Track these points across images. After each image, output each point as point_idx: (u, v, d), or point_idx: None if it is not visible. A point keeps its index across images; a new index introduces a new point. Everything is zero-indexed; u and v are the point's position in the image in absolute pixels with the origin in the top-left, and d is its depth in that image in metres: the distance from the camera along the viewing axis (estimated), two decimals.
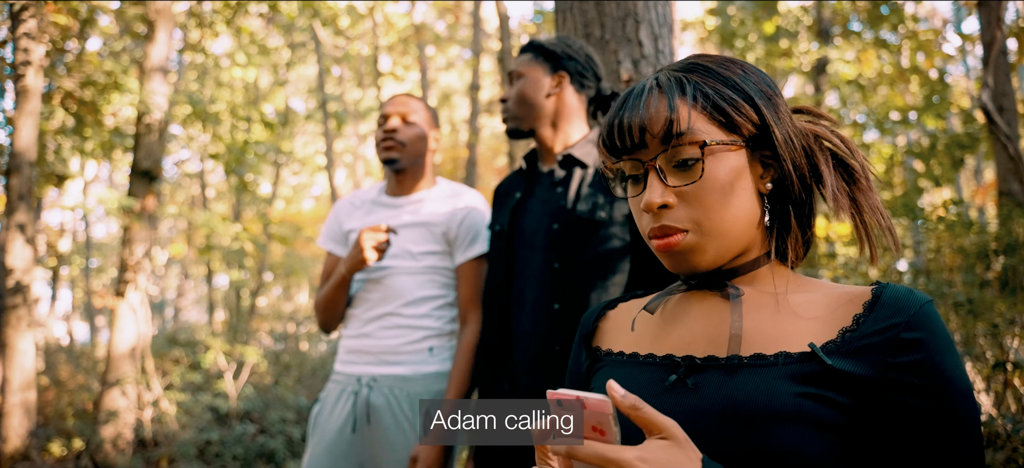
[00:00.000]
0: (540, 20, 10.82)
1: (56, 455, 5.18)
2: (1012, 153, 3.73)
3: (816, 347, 0.74)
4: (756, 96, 0.81)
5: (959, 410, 0.71)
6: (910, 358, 0.72)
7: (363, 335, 1.97)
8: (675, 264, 0.81)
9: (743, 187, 0.80)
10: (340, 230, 2.10)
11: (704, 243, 0.79)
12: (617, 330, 0.94)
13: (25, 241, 5.07)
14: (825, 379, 0.72)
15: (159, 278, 18.51)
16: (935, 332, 0.72)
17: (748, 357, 0.76)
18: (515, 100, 1.78)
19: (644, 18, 2.15)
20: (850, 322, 0.76)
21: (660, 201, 0.79)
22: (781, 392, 0.72)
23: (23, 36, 5.14)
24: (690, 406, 0.76)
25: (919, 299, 0.74)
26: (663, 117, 0.79)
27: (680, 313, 0.86)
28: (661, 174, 0.79)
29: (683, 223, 0.79)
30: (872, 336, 0.73)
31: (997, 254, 2.88)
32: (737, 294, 0.81)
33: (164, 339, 7.96)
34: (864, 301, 0.77)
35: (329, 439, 1.93)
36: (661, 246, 0.80)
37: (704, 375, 0.78)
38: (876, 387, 0.72)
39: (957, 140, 7.18)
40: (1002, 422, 2.33)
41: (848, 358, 0.73)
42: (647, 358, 0.84)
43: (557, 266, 1.62)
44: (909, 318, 0.73)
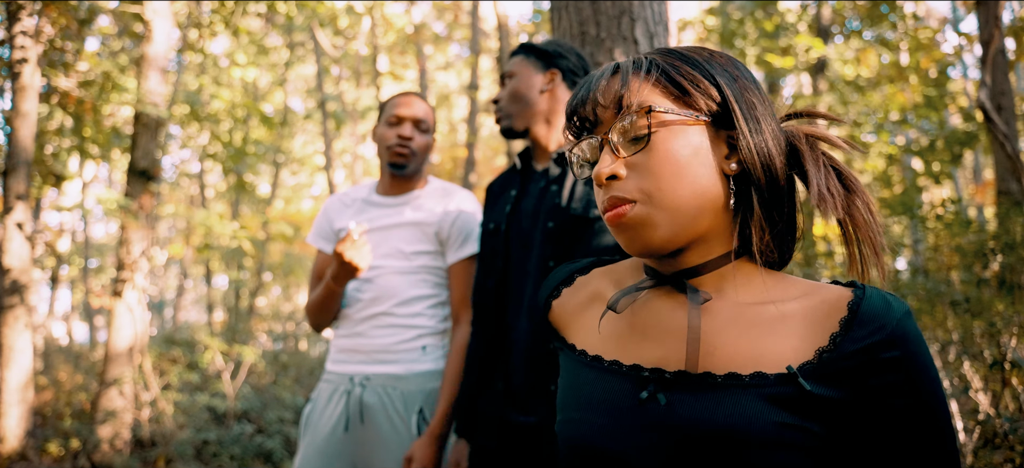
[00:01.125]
0: (538, 19, 10.82)
1: (53, 455, 5.17)
2: (1010, 152, 3.72)
3: (794, 370, 0.71)
4: (718, 75, 0.79)
5: (937, 429, 0.70)
6: (890, 378, 0.70)
7: (356, 334, 1.96)
8: (628, 241, 0.77)
9: (701, 163, 0.76)
10: (331, 228, 2.10)
11: (654, 216, 0.75)
12: (579, 316, 0.89)
13: (23, 241, 5.06)
14: (803, 404, 0.70)
15: (158, 278, 18.50)
16: (914, 350, 0.71)
17: (722, 376, 0.73)
18: (508, 98, 1.78)
19: (640, 16, 2.15)
20: (827, 341, 0.72)
21: (609, 171, 0.76)
22: (759, 418, 0.70)
23: (20, 35, 5.14)
24: (663, 425, 0.73)
25: (896, 313, 0.72)
26: (614, 90, 0.78)
27: (647, 314, 0.81)
28: (614, 148, 0.78)
29: (632, 193, 0.76)
30: (850, 357, 0.71)
31: (995, 253, 2.88)
32: (698, 299, 0.77)
33: (162, 339, 7.95)
34: (841, 317, 0.73)
35: (321, 439, 1.92)
36: (611, 218, 0.77)
37: (676, 393, 0.74)
38: (855, 408, 0.70)
39: (956, 137, 7.19)
40: (1000, 421, 2.32)
41: (826, 382, 0.71)
42: (613, 364, 0.80)
43: (552, 264, 1.62)
44: (887, 336, 0.71)
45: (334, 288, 1.90)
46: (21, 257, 5.05)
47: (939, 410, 0.71)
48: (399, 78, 14.51)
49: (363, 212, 2.05)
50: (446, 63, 16.74)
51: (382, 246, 1.98)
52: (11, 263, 5.01)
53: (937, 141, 7.72)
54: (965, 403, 2.68)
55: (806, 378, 0.71)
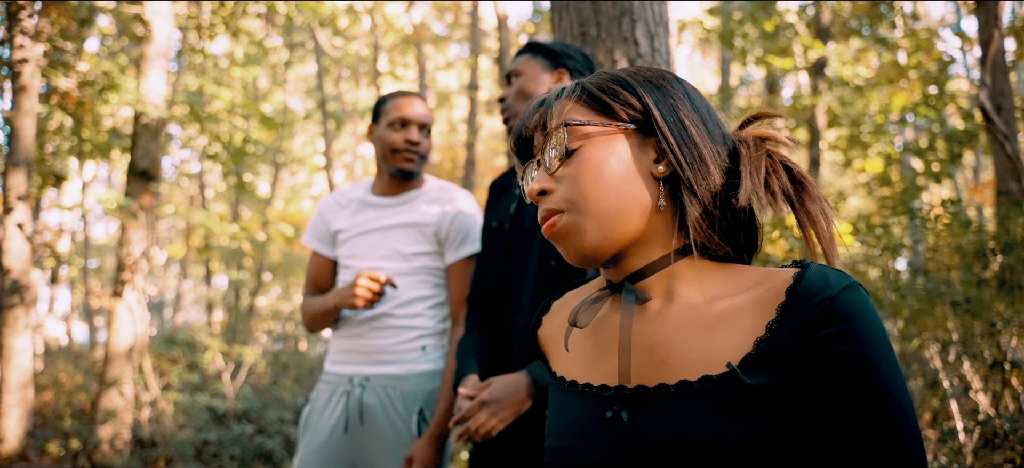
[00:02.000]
0: (538, 19, 10.82)
1: (53, 455, 5.17)
2: (1010, 152, 3.72)
3: (734, 367, 0.70)
4: (639, 85, 0.82)
5: (885, 406, 0.67)
6: (829, 356, 0.68)
7: (355, 335, 1.96)
8: (564, 250, 0.81)
9: (625, 169, 0.78)
10: (326, 229, 2.08)
11: (581, 222, 0.78)
12: (557, 342, 0.93)
13: (23, 241, 5.06)
14: (751, 400, 0.69)
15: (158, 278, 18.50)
16: (855, 325, 0.68)
17: (675, 385, 0.73)
18: (515, 97, 1.77)
19: (640, 17, 2.15)
20: (764, 330, 0.71)
21: (538, 187, 0.81)
22: (711, 425, 0.70)
23: (21, 35, 5.14)
24: (629, 442, 0.75)
25: (833, 288, 0.70)
26: (539, 115, 0.84)
27: (608, 328, 0.83)
28: (545, 165, 0.82)
29: (559, 204, 0.80)
30: (786, 340, 0.70)
31: (995, 253, 2.88)
32: (632, 300, 0.78)
33: (162, 339, 7.95)
34: (778, 303, 0.72)
35: (321, 439, 1.92)
36: (545, 230, 0.81)
37: (637, 408, 0.75)
38: (800, 395, 0.69)
39: (955, 135, 7.19)
40: (1000, 422, 2.32)
41: (766, 371, 0.70)
42: (585, 387, 0.82)
43: (553, 264, 1.62)
44: (822, 312, 0.69)
45: (333, 311, 1.93)
46: (21, 257, 5.05)
47: (886, 385, 0.67)
48: (399, 78, 14.51)
49: (360, 213, 2.04)
50: (446, 63, 16.74)
51: (381, 247, 1.97)
52: (11, 263, 5.01)
53: (936, 140, 7.72)
54: (965, 403, 2.68)
55: (747, 372, 0.70)
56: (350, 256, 2.01)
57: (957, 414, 2.58)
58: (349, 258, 2.01)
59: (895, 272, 3.62)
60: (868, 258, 3.63)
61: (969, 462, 2.38)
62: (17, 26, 5.13)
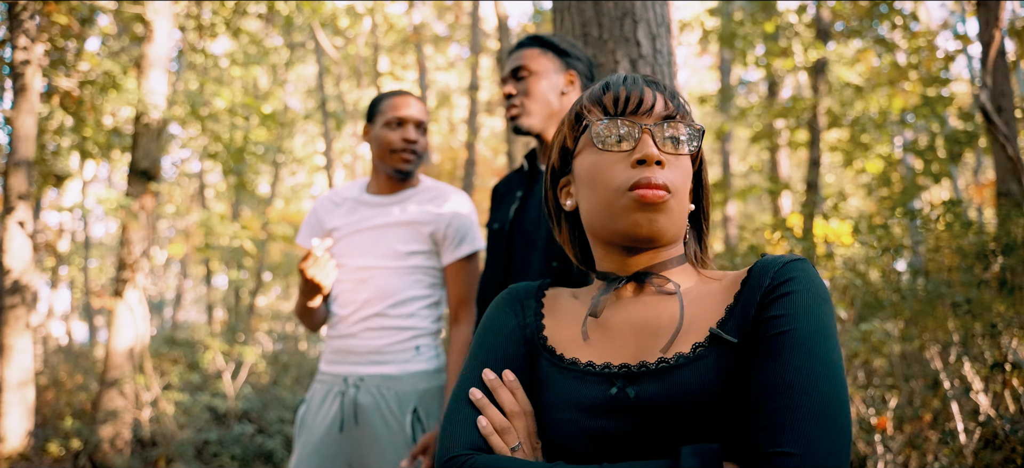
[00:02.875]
0: (539, 20, 10.82)
1: (54, 455, 5.17)
2: (1011, 153, 3.72)
3: (715, 329, 0.82)
4: None
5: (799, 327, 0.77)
6: (769, 301, 0.80)
7: (350, 335, 1.96)
8: (649, 221, 0.85)
9: (689, 188, 0.91)
10: (321, 228, 2.08)
11: (675, 213, 0.87)
12: (557, 322, 0.96)
13: (24, 241, 5.06)
14: (729, 356, 0.80)
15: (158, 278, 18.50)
16: (790, 281, 0.81)
17: (672, 358, 0.83)
18: (529, 96, 1.71)
19: (642, 18, 2.15)
20: (732, 299, 0.85)
21: (659, 155, 0.85)
22: (706, 382, 0.79)
23: (22, 35, 5.14)
24: (634, 413, 0.82)
25: (784, 259, 0.84)
26: (679, 100, 0.91)
27: (612, 315, 0.91)
28: (657, 140, 0.87)
29: (670, 185, 0.86)
30: (747, 305, 0.83)
31: (995, 254, 2.88)
32: (677, 288, 0.88)
33: (163, 339, 7.95)
34: (742, 278, 0.86)
35: (317, 439, 1.93)
36: (651, 197, 0.84)
37: (640, 384, 0.83)
38: (751, 338, 0.80)
39: (955, 136, 7.19)
40: (1000, 423, 2.32)
41: (735, 326, 0.82)
42: (587, 367, 0.88)
43: (556, 265, 1.62)
44: (770, 278, 0.82)
45: (305, 303, 1.96)
46: (22, 257, 5.05)
47: (807, 336, 0.76)
48: (399, 78, 14.51)
49: (355, 211, 2.04)
50: (447, 63, 16.73)
51: (376, 246, 1.97)
52: (12, 263, 5.01)
53: (936, 140, 7.73)
54: (966, 404, 2.68)
55: (725, 332, 0.82)
56: (344, 254, 2.01)
57: (958, 415, 2.58)
58: (343, 256, 2.01)
59: (895, 273, 3.62)
60: (868, 259, 3.63)
61: (970, 463, 2.39)
62: (18, 26, 5.13)
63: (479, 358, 0.94)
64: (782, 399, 0.73)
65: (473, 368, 0.93)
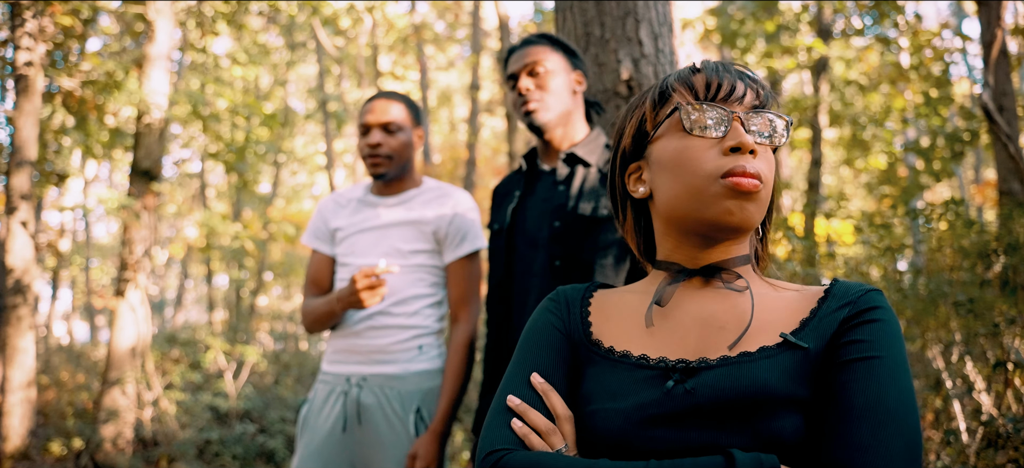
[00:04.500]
0: (540, 20, 10.81)
1: (56, 454, 5.18)
2: (1012, 152, 3.72)
3: (786, 335, 0.82)
4: None
5: (888, 358, 0.78)
6: (854, 325, 0.81)
7: (353, 335, 1.96)
8: (739, 208, 0.84)
9: None
10: (325, 228, 2.09)
11: (763, 204, 0.86)
12: (606, 320, 0.94)
13: (27, 240, 5.06)
14: (798, 366, 0.80)
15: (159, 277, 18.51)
16: (876, 310, 0.81)
17: (735, 356, 0.82)
18: (549, 93, 1.69)
19: (644, 17, 2.15)
20: (808, 314, 0.85)
21: (753, 144, 0.84)
22: (766, 382, 0.78)
23: (24, 35, 5.14)
24: (686, 406, 0.80)
25: (863, 289, 0.84)
26: (762, 90, 0.90)
27: (671, 308, 0.90)
28: (748, 127, 0.86)
29: (762, 175, 0.85)
30: (825, 320, 0.82)
31: (998, 254, 2.88)
32: (746, 285, 0.87)
33: (164, 338, 7.96)
34: (818, 297, 0.86)
35: (319, 439, 1.93)
36: (747, 185, 0.83)
37: (698, 378, 0.81)
38: (829, 355, 0.80)
39: (957, 135, 7.19)
40: (1003, 422, 2.32)
41: (809, 338, 0.82)
42: (640, 359, 0.86)
43: (558, 264, 1.63)
44: (852, 301, 0.83)
45: (337, 311, 1.90)
46: (24, 257, 5.06)
47: (896, 369, 0.78)
48: (400, 78, 14.51)
49: (358, 212, 2.05)
50: (448, 63, 16.73)
51: (379, 245, 1.98)
52: (14, 263, 5.02)
53: (938, 139, 7.72)
54: (968, 404, 2.68)
55: (797, 339, 0.82)
56: (348, 253, 2.02)
57: (960, 415, 2.58)
58: (347, 255, 2.02)
59: (897, 272, 3.62)
60: (870, 258, 3.63)
61: (972, 463, 2.39)
62: (21, 26, 5.14)
63: (523, 362, 0.92)
64: (873, 422, 0.74)
65: (516, 373, 0.91)
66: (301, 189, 18.86)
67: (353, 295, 1.80)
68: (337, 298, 1.87)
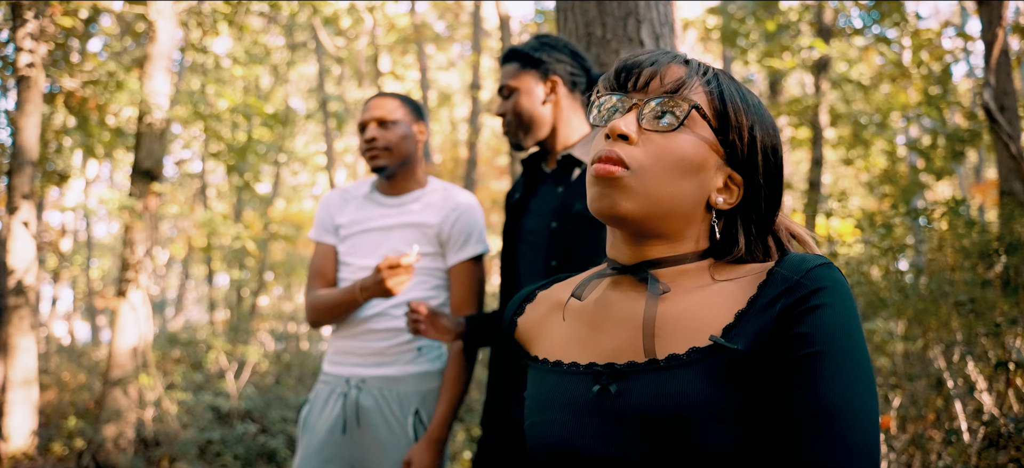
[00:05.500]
0: (541, 19, 10.81)
1: (58, 454, 5.19)
2: (1014, 152, 3.72)
3: (716, 338, 0.74)
4: (759, 120, 0.83)
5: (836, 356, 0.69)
6: (793, 317, 0.72)
7: (353, 336, 1.96)
8: (598, 196, 0.79)
9: (698, 182, 0.80)
10: (332, 222, 2.08)
11: (635, 191, 0.78)
12: (542, 327, 0.92)
13: (28, 240, 5.07)
14: (732, 369, 0.72)
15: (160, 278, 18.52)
16: (819, 292, 0.72)
17: (664, 359, 0.76)
18: (514, 115, 1.75)
19: (645, 17, 2.15)
20: (745, 303, 0.76)
21: (624, 129, 0.79)
22: (695, 393, 0.72)
23: (26, 36, 5.15)
24: (616, 414, 0.76)
25: (809, 263, 0.75)
26: (677, 75, 0.81)
27: (605, 309, 0.85)
28: (642, 116, 0.80)
29: (631, 162, 0.78)
30: (763, 310, 0.74)
31: (999, 253, 2.88)
32: (657, 290, 0.80)
33: (165, 339, 7.97)
34: (760, 281, 0.77)
35: (319, 440, 1.93)
36: (600, 170, 0.78)
37: (627, 382, 0.77)
38: (768, 353, 0.72)
39: (958, 135, 7.19)
40: (1005, 422, 2.32)
41: (743, 338, 0.73)
42: (571, 367, 0.84)
43: (555, 264, 1.64)
44: (794, 284, 0.73)
45: (359, 300, 1.86)
46: (26, 257, 5.06)
47: (841, 358, 0.69)
48: (400, 78, 14.51)
49: (363, 210, 2.04)
50: (448, 63, 16.73)
51: (382, 246, 1.97)
52: (15, 263, 5.02)
53: (938, 138, 7.72)
54: (970, 404, 2.68)
55: (729, 341, 0.74)
56: (351, 253, 2.01)
57: (961, 415, 2.58)
58: (349, 255, 2.01)
59: (898, 272, 3.62)
60: (871, 258, 3.63)
61: (974, 463, 2.39)
62: (22, 26, 5.14)
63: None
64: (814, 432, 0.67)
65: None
66: (302, 189, 18.87)
67: (379, 284, 1.75)
68: (361, 288, 1.82)
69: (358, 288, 1.83)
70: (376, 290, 1.78)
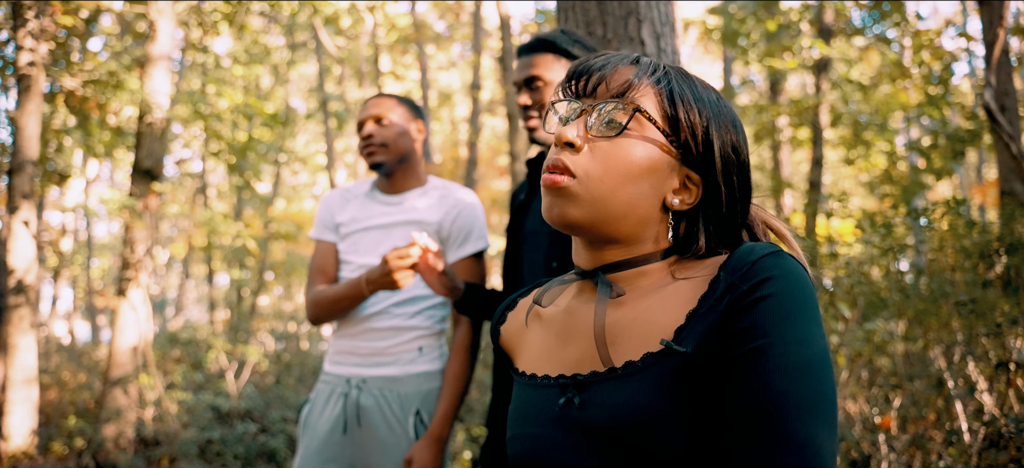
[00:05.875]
0: (542, 20, 10.81)
1: (58, 454, 5.18)
2: (1014, 152, 3.72)
3: (667, 342, 0.73)
4: (714, 118, 0.81)
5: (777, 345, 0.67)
6: (737, 312, 0.70)
7: (353, 335, 1.96)
8: (548, 206, 0.79)
9: (650, 185, 0.78)
10: (331, 220, 2.08)
11: (582, 199, 0.77)
12: (521, 336, 0.93)
13: (29, 240, 5.07)
14: (684, 371, 0.71)
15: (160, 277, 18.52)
16: (763, 284, 0.70)
17: (621, 367, 0.76)
18: (542, 106, 1.69)
19: (646, 17, 2.15)
20: (696, 302, 0.75)
21: (570, 138, 0.78)
22: (648, 399, 0.72)
23: (26, 35, 5.15)
24: (579, 425, 0.77)
25: (756, 253, 0.73)
26: (623, 78, 0.79)
27: (570, 321, 0.84)
28: (589, 123, 0.79)
29: (577, 170, 0.77)
30: (711, 310, 0.72)
31: (999, 254, 2.88)
32: (608, 293, 0.79)
33: (165, 338, 7.97)
34: (711, 277, 0.76)
35: (320, 440, 1.93)
36: (545, 180, 0.78)
37: (588, 392, 0.77)
38: (715, 353, 0.70)
39: (958, 135, 7.19)
40: (1005, 422, 2.32)
41: (693, 338, 0.72)
42: (543, 380, 0.84)
43: (556, 265, 1.64)
44: (740, 277, 0.72)
45: (365, 293, 1.83)
46: (26, 256, 5.06)
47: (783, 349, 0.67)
48: (401, 78, 14.50)
49: (363, 208, 2.05)
50: (449, 62, 16.72)
51: (382, 244, 1.97)
52: (16, 262, 5.02)
53: (939, 138, 7.72)
54: (970, 404, 2.68)
55: (680, 344, 0.72)
56: (351, 251, 2.01)
57: (962, 415, 2.58)
58: (350, 253, 2.01)
59: (899, 273, 3.62)
60: (871, 258, 3.62)
61: (974, 463, 2.39)
62: (22, 26, 5.14)
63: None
64: (752, 430, 0.65)
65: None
66: (302, 189, 18.87)
67: (386, 276, 1.72)
68: (366, 280, 1.79)
69: (364, 281, 1.81)
70: (383, 282, 1.75)
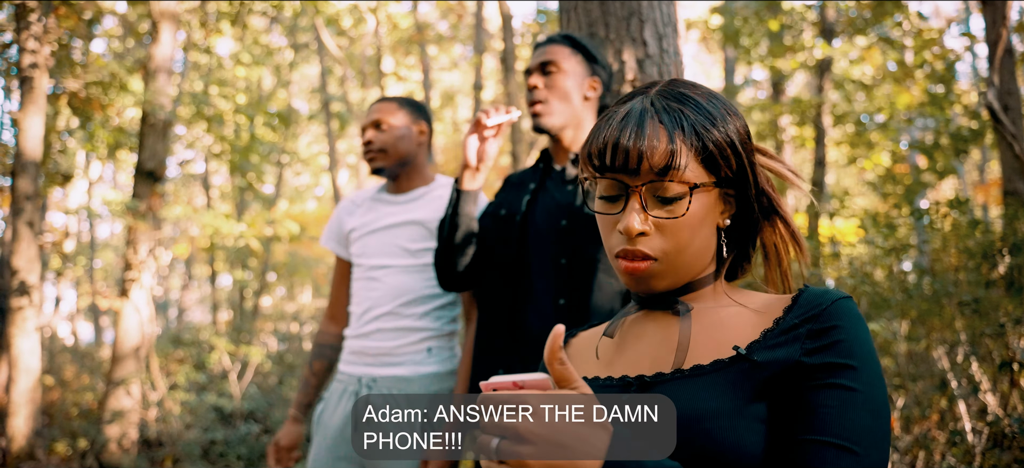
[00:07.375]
0: (544, 20, 10.81)
1: (61, 454, 5.20)
2: (1017, 152, 3.71)
3: (739, 349, 0.80)
4: (738, 142, 0.86)
5: (864, 386, 0.76)
6: (823, 341, 0.78)
7: (363, 335, 1.98)
8: (635, 284, 0.86)
9: (709, 222, 0.86)
10: (341, 230, 2.12)
11: (666, 271, 0.85)
12: (579, 357, 0.98)
13: (31, 241, 5.08)
14: (752, 375, 0.78)
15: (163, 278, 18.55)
16: (847, 319, 0.79)
17: (688, 369, 0.82)
18: (554, 94, 1.70)
19: (648, 18, 2.15)
20: (771, 324, 0.83)
21: (640, 229, 0.83)
22: (716, 395, 0.78)
23: (29, 37, 5.16)
24: None
25: (833, 295, 0.81)
26: (664, 150, 0.82)
27: (633, 335, 0.91)
28: (643, 202, 0.83)
29: (655, 251, 0.83)
30: (788, 331, 0.80)
31: (1003, 253, 2.87)
32: (686, 310, 0.87)
33: (168, 339, 7.98)
34: (784, 305, 0.84)
35: (332, 438, 1.95)
36: (628, 268, 0.84)
37: (652, 391, 0.83)
38: (794, 371, 0.78)
39: (961, 134, 7.17)
40: (1009, 422, 2.32)
41: (769, 350, 0.80)
42: (606, 381, 0.89)
43: (564, 262, 1.63)
44: (820, 312, 0.80)
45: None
46: (29, 257, 5.07)
47: (867, 387, 0.76)
48: (403, 79, 14.51)
49: (371, 211, 2.07)
50: (451, 63, 16.73)
51: (388, 245, 1.99)
52: (19, 263, 5.04)
53: (941, 138, 7.71)
54: (974, 404, 2.68)
55: (753, 353, 0.80)
56: (360, 254, 2.05)
57: (965, 415, 2.57)
58: (360, 256, 2.05)
59: (901, 273, 3.61)
60: (874, 258, 3.62)
61: (978, 463, 2.38)
62: (25, 28, 5.16)
63: None
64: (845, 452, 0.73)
65: None
66: (304, 190, 18.88)
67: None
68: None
69: None
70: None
